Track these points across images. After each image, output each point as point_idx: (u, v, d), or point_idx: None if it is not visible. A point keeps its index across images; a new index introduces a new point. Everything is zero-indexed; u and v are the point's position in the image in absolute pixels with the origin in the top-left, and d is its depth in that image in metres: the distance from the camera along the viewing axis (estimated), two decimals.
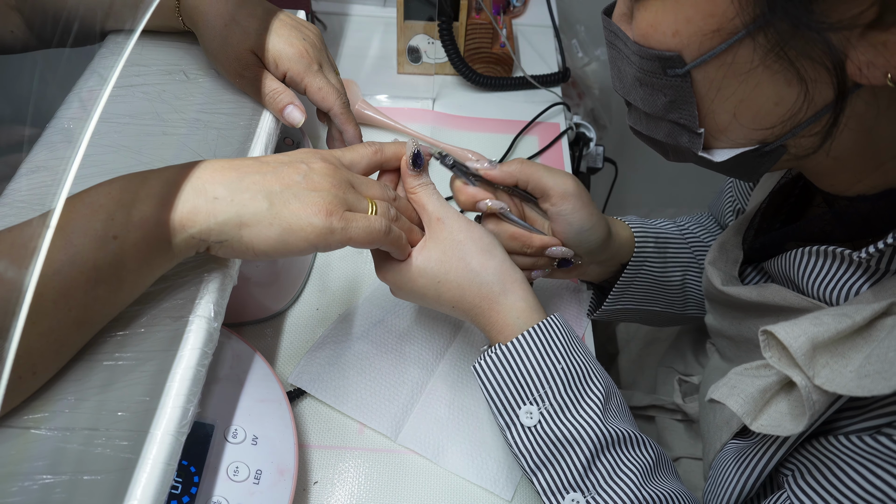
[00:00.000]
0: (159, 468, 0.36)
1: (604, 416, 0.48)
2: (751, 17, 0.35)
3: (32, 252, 0.32)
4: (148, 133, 0.54)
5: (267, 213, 0.41)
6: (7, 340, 0.28)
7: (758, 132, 0.40)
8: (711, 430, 0.55)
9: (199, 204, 0.39)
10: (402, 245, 0.49)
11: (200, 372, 0.40)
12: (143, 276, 0.40)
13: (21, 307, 0.30)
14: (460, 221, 0.51)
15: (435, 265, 0.50)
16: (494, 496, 0.57)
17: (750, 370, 0.44)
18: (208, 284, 0.44)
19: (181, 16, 0.58)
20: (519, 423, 0.48)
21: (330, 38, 0.98)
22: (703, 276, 0.60)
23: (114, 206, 0.38)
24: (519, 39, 1.03)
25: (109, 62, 0.60)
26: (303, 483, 0.56)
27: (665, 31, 0.39)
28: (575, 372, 0.49)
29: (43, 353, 0.36)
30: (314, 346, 0.64)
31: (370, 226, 0.44)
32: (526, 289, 0.51)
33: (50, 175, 0.50)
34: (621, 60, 0.44)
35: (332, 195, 0.43)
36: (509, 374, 0.49)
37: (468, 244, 0.50)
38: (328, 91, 0.59)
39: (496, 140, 0.87)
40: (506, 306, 0.50)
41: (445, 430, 0.60)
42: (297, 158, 0.45)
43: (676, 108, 0.42)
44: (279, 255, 0.42)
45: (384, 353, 0.64)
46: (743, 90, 0.38)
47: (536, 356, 0.49)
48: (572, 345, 0.50)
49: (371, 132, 0.86)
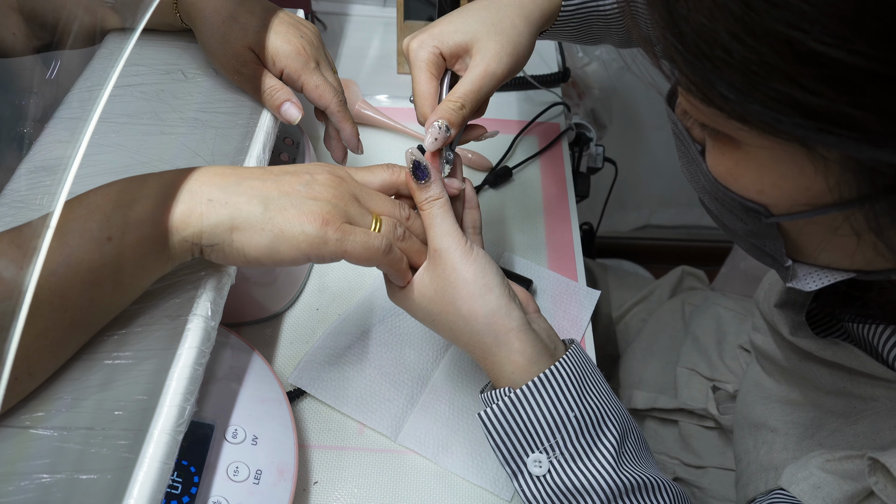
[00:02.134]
0: (156, 467, 0.36)
1: (618, 463, 0.44)
2: (851, 197, 0.31)
3: (32, 252, 0.32)
4: (146, 132, 0.54)
5: (260, 218, 0.40)
6: (6, 342, 0.28)
7: (855, 266, 0.37)
8: (752, 464, 0.53)
9: (193, 206, 0.39)
10: (400, 269, 0.46)
11: (198, 371, 0.40)
12: (139, 279, 0.40)
13: (21, 308, 0.30)
14: (454, 256, 0.45)
15: (428, 303, 0.47)
16: (494, 496, 0.57)
17: (833, 462, 0.40)
18: (206, 283, 0.44)
19: (179, 13, 0.58)
20: (527, 471, 0.45)
21: (330, 38, 0.98)
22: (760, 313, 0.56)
23: (110, 207, 0.37)
24: None
25: (109, 62, 0.60)
26: (303, 483, 0.56)
27: (747, 186, 0.35)
28: (589, 417, 0.45)
29: (39, 354, 0.36)
30: (314, 346, 0.64)
31: (368, 241, 0.42)
32: (525, 339, 0.45)
33: (49, 175, 0.50)
34: (691, 164, 0.39)
35: (331, 205, 0.42)
36: (517, 423, 0.45)
37: (459, 287, 0.45)
38: (325, 89, 0.59)
39: (496, 140, 0.87)
40: (500, 358, 0.46)
41: (445, 430, 0.60)
42: (302, 169, 0.44)
43: (759, 238, 0.38)
44: (271, 262, 0.41)
45: (384, 353, 0.64)
46: (836, 240, 0.35)
47: (547, 404, 0.45)
48: (586, 385, 0.46)
49: (371, 132, 0.86)
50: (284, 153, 0.69)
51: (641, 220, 1.67)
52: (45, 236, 0.33)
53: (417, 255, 0.47)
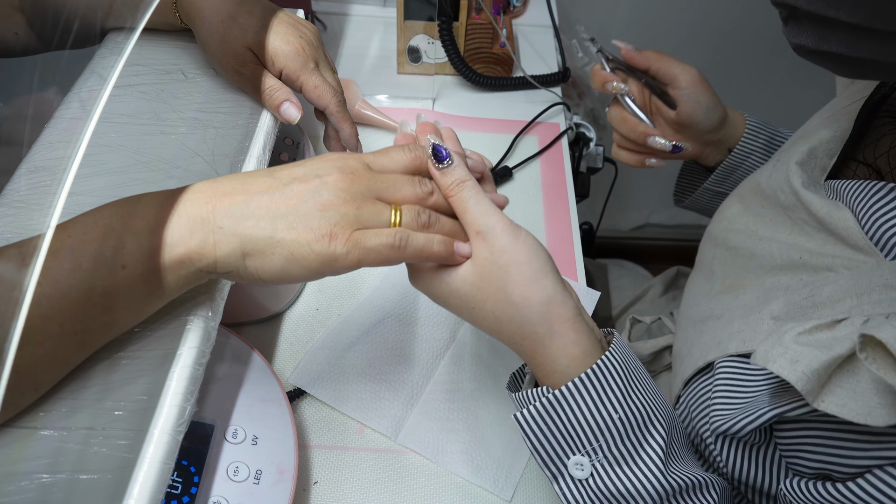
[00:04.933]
0: (157, 467, 0.35)
1: (665, 465, 0.42)
2: None
3: (34, 253, 0.32)
4: (146, 132, 0.54)
5: (269, 242, 0.39)
6: (3, 354, 0.28)
7: None
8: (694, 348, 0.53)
9: (206, 236, 0.38)
10: (432, 253, 0.42)
11: (198, 371, 0.40)
12: (151, 305, 0.39)
13: (18, 320, 0.29)
14: (505, 237, 0.42)
15: (470, 288, 0.42)
16: (494, 496, 0.57)
17: (805, 335, 0.40)
18: (206, 283, 0.44)
19: (178, 12, 0.58)
20: (568, 474, 0.43)
21: (330, 38, 0.98)
22: (771, 171, 0.56)
23: (126, 232, 0.37)
24: (519, 39, 1.03)
25: (109, 62, 0.60)
26: (303, 483, 0.56)
27: None
28: (634, 418, 0.42)
29: (46, 372, 0.37)
30: (314, 346, 0.64)
31: (382, 243, 0.40)
32: (579, 328, 0.42)
33: (49, 175, 0.50)
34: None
35: (339, 214, 0.39)
36: (557, 425, 0.42)
37: (511, 270, 0.41)
38: (324, 89, 0.59)
39: (496, 140, 0.87)
40: (553, 350, 0.42)
41: (445, 430, 0.60)
42: (312, 171, 0.41)
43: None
44: (287, 282, 0.40)
45: (384, 353, 0.64)
46: None
47: (590, 406, 0.41)
48: (632, 382, 0.43)
49: (371, 132, 0.86)
50: (284, 153, 0.69)
51: (641, 219, 1.68)
52: (47, 236, 0.33)
53: (452, 235, 0.43)
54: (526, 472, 0.59)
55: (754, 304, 0.51)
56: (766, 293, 0.51)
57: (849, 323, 0.41)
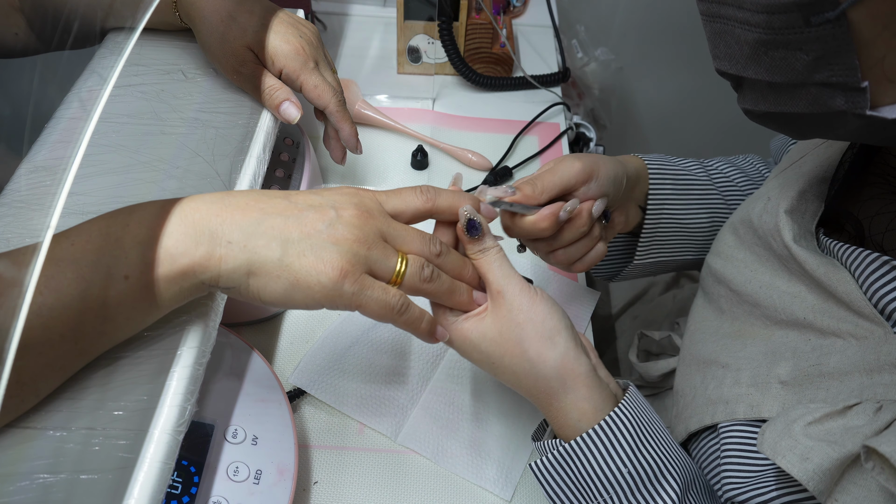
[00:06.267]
0: (157, 467, 0.35)
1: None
2: None
3: (31, 261, 0.32)
4: (146, 132, 0.54)
5: (277, 264, 0.38)
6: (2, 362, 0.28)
7: None
8: (698, 398, 0.51)
9: (213, 249, 0.38)
10: (418, 329, 0.44)
11: (198, 371, 0.40)
12: (152, 316, 0.39)
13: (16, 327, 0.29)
14: (523, 298, 0.44)
15: (490, 345, 0.45)
16: (494, 496, 0.57)
17: (815, 426, 0.39)
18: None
19: (178, 12, 0.58)
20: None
21: (330, 38, 0.98)
22: (761, 211, 0.53)
23: (130, 242, 0.36)
24: (519, 39, 1.03)
25: (108, 62, 0.60)
26: (303, 483, 0.56)
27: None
28: (645, 472, 0.43)
29: (47, 379, 0.37)
30: (314, 346, 0.64)
31: (384, 299, 0.41)
32: (591, 384, 0.45)
33: (49, 175, 0.50)
34: (733, 29, 0.38)
35: (351, 253, 0.39)
36: (571, 476, 0.44)
37: (527, 328, 0.44)
38: (324, 89, 0.59)
39: (496, 140, 0.87)
40: (566, 405, 0.44)
41: (445, 430, 0.60)
42: (329, 202, 0.41)
43: (826, 65, 0.35)
44: (285, 307, 0.40)
45: (384, 354, 0.64)
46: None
47: (598, 460, 0.43)
48: (643, 437, 0.44)
49: (371, 132, 0.86)
50: (284, 153, 0.69)
51: None
52: (46, 237, 0.33)
53: (447, 296, 0.45)
54: (526, 472, 0.59)
55: (762, 359, 0.50)
56: (773, 350, 0.50)
57: (860, 410, 0.40)
